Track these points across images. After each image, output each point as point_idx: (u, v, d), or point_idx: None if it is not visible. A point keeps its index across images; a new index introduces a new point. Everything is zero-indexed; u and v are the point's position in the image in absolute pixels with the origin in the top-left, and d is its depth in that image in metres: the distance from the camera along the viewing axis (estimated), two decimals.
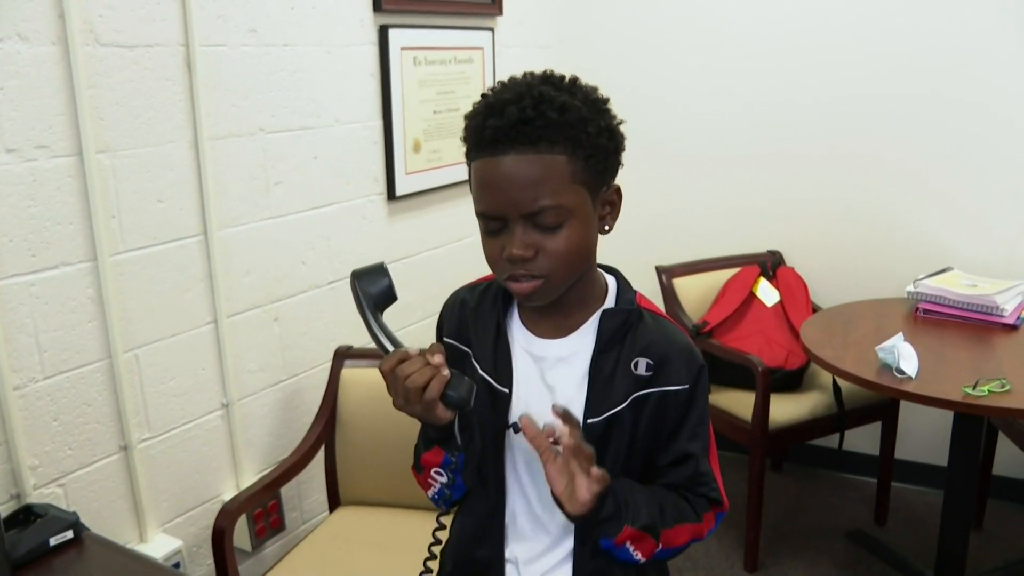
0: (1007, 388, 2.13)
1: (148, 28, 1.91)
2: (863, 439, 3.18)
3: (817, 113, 3.19)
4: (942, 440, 3.03)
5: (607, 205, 1.17)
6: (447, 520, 1.26)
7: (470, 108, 1.16)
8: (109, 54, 1.84)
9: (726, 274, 3.18)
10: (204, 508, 2.19)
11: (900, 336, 2.30)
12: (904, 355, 2.23)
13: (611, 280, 1.26)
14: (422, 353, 1.11)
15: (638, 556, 1.17)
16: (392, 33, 2.57)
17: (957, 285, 2.71)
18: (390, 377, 1.10)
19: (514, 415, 1.22)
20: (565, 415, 1.09)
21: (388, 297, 1.18)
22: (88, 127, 1.80)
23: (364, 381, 2.30)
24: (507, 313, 1.26)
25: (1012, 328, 2.57)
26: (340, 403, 2.30)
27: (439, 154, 2.85)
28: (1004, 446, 2.94)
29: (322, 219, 2.43)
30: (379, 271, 1.19)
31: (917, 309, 2.73)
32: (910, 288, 2.78)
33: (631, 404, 1.19)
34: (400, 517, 2.25)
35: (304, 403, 2.44)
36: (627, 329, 1.21)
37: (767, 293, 3.11)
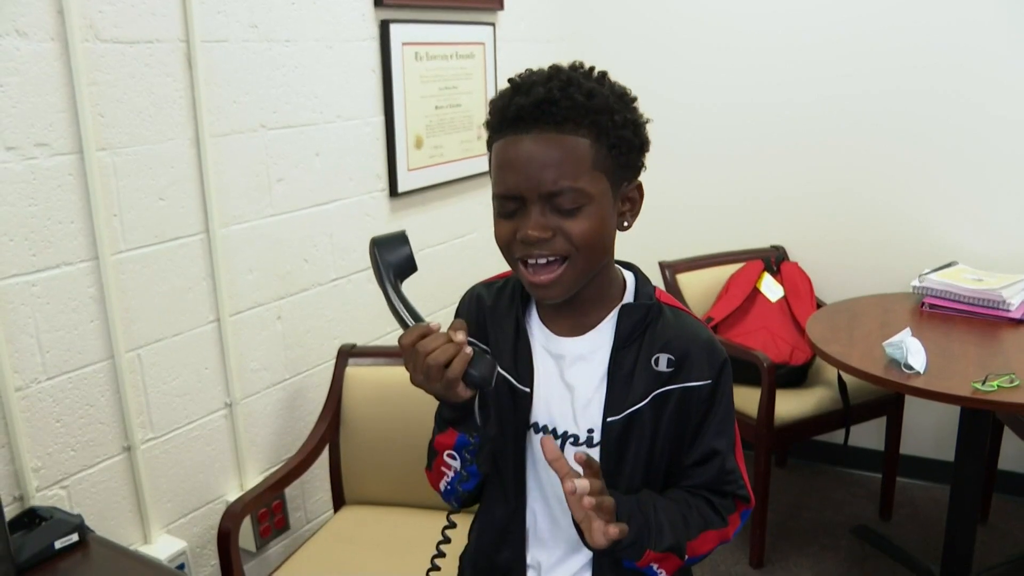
0: (1016, 383, 2.11)
1: (148, 23, 1.88)
2: (867, 434, 3.18)
3: (820, 109, 3.17)
4: (947, 435, 3.04)
5: (627, 201, 1.16)
6: (458, 518, 1.22)
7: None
8: (109, 50, 1.82)
9: (729, 269, 3.17)
10: (208, 508, 2.17)
11: (907, 331, 2.29)
12: (912, 350, 2.21)
13: (629, 276, 1.24)
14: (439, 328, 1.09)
15: (662, 573, 1.17)
16: (393, 28, 2.54)
17: (962, 280, 2.70)
18: (410, 351, 1.07)
19: (535, 415, 1.20)
20: (587, 463, 1.05)
21: (408, 267, 1.15)
22: (88, 124, 1.78)
23: (369, 380, 2.28)
24: (526, 311, 1.24)
25: (1018, 323, 2.56)
26: (344, 402, 2.28)
27: (441, 150, 2.82)
28: (1009, 440, 2.93)
29: (324, 216, 2.41)
30: (399, 239, 1.15)
31: (923, 304, 2.72)
32: (915, 283, 2.76)
33: (652, 401, 1.17)
34: (405, 517, 2.23)
35: (307, 402, 2.42)
36: (647, 325, 1.19)
37: (771, 288, 3.10)
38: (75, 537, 1.53)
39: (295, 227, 2.32)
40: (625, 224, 1.16)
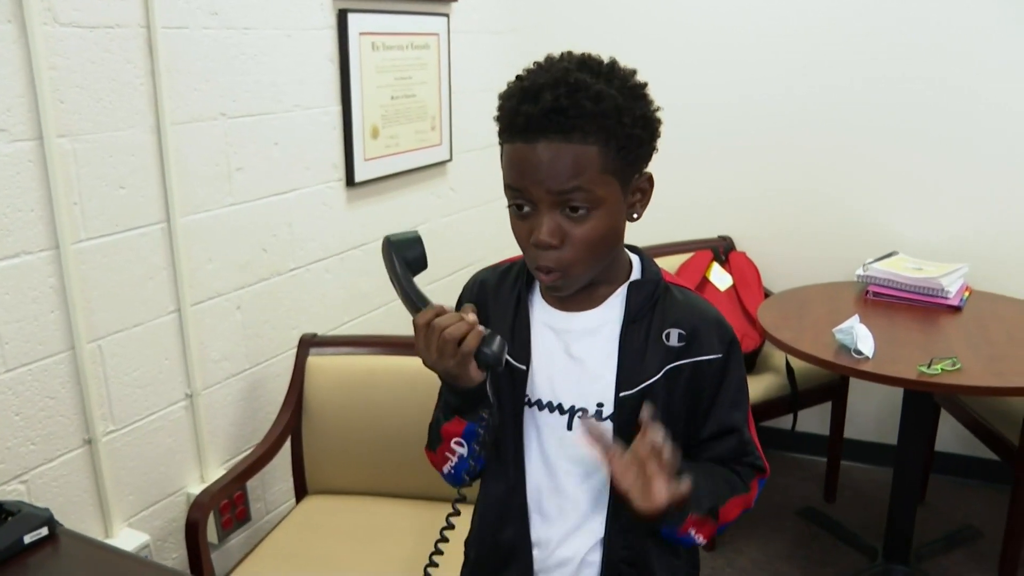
0: (958, 366, 2.21)
1: (108, 8, 1.85)
2: (812, 420, 3.28)
3: (765, 105, 3.25)
4: (887, 420, 3.15)
5: (637, 192, 1.18)
6: (461, 506, 1.21)
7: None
8: (69, 34, 1.78)
9: (679, 259, 3.23)
10: (169, 501, 2.14)
11: (856, 318, 2.37)
12: (861, 336, 2.29)
13: (635, 257, 1.26)
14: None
15: (700, 539, 1.18)
16: (351, 17, 2.53)
17: (904, 268, 2.81)
18: (425, 330, 1.10)
19: (534, 391, 1.22)
20: (649, 422, 1.07)
21: (420, 264, 1.20)
22: (48, 110, 1.74)
23: (331, 369, 2.28)
24: (529, 290, 1.26)
25: (956, 309, 2.67)
26: (306, 391, 2.27)
27: (397, 140, 2.82)
28: (945, 423, 3.06)
29: (283, 205, 2.39)
30: (414, 239, 1.20)
31: (867, 292, 2.82)
32: (860, 272, 2.86)
33: (665, 376, 1.19)
34: (370, 505, 2.23)
35: (267, 392, 2.40)
36: (655, 301, 1.21)
37: (720, 277, 3.17)
38: (44, 531, 1.50)
39: (254, 216, 2.30)
40: (635, 215, 1.18)
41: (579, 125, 1.05)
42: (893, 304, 2.74)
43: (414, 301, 1.16)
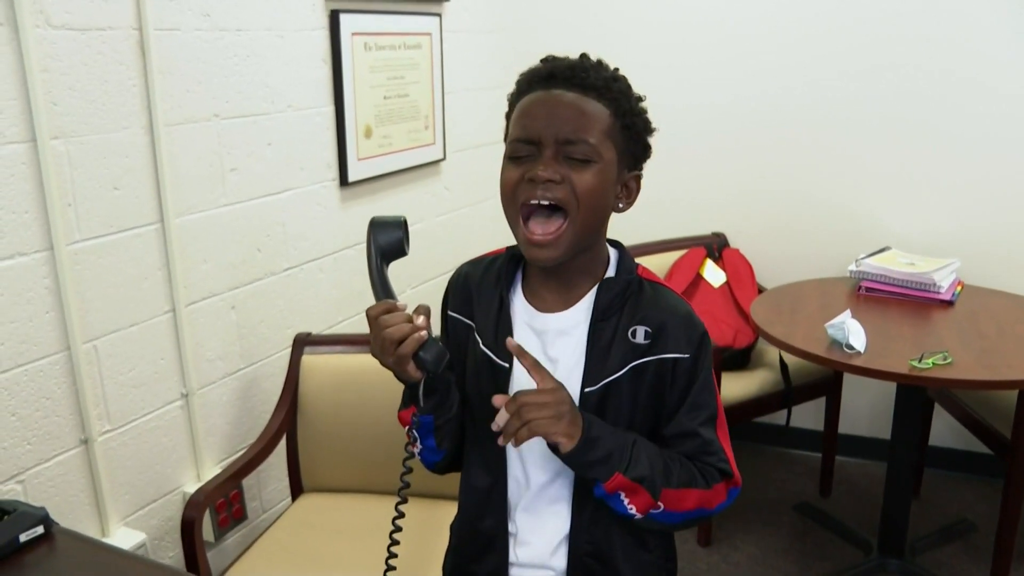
0: (949, 360, 2.22)
1: (100, 10, 1.86)
2: (807, 415, 3.29)
3: (758, 103, 3.26)
4: (881, 415, 3.17)
5: (624, 187, 1.21)
6: (405, 508, 1.27)
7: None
8: (61, 36, 1.79)
9: (673, 256, 3.24)
10: (165, 500, 2.15)
11: (848, 313, 2.38)
12: (853, 331, 2.31)
13: (613, 252, 1.28)
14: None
15: (632, 509, 1.17)
16: (343, 18, 2.54)
17: (896, 264, 2.82)
18: (373, 323, 1.14)
19: (514, 389, 1.24)
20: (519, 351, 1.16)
21: (397, 250, 1.21)
22: (42, 112, 1.75)
23: (325, 368, 2.29)
24: (511, 288, 1.28)
25: (948, 304, 2.69)
26: (301, 390, 2.28)
27: (390, 140, 2.83)
28: (938, 417, 3.07)
29: (277, 206, 2.40)
30: (395, 224, 1.21)
31: (859, 287, 2.83)
32: (852, 267, 2.87)
33: (630, 372, 1.20)
34: (364, 503, 2.24)
35: (262, 391, 2.41)
36: (626, 299, 1.22)
37: (713, 274, 3.18)
38: (40, 529, 1.51)
39: (248, 217, 2.31)
40: (620, 206, 1.22)
41: (595, 86, 1.15)
42: (885, 299, 2.75)
43: (376, 291, 1.19)
